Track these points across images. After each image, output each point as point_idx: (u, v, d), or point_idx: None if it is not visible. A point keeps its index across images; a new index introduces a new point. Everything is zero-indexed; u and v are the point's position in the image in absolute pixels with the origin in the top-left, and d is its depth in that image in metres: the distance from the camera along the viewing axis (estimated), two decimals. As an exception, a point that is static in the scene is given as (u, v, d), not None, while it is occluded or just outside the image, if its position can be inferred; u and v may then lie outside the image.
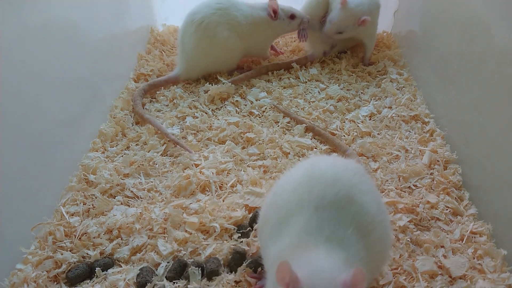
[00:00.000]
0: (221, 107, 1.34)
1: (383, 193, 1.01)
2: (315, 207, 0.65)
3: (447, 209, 0.97)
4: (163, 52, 1.64)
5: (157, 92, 1.42)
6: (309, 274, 0.56)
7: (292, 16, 1.45)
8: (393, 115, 1.27)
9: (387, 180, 1.05)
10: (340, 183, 0.67)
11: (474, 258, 0.86)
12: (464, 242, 0.89)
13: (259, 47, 1.51)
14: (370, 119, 1.27)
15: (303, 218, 0.64)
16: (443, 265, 0.84)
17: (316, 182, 0.68)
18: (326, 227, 0.63)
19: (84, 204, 1.00)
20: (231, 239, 0.90)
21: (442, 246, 0.89)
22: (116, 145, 1.20)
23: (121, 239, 0.91)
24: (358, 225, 0.65)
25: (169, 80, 1.43)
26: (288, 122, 1.26)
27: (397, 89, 1.39)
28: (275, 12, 1.41)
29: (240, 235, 0.91)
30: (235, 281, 0.81)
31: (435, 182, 1.03)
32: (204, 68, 1.45)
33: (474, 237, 0.91)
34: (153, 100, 1.40)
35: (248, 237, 0.90)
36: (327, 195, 0.66)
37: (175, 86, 1.43)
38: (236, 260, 0.85)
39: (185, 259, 0.86)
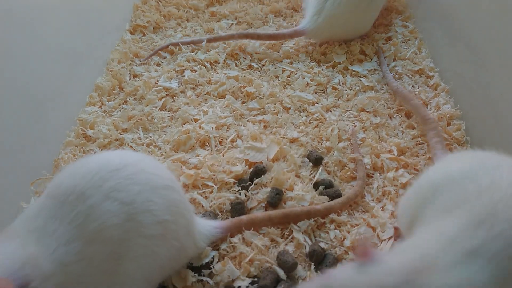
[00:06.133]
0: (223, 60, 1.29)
1: (385, 150, 1.00)
2: None
3: (448, 165, 0.96)
4: (159, 2, 1.57)
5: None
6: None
7: None
8: (397, 69, 1.24)
9: (390, 136, 1.04)
10: None
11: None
12: (464, 197, 0.90)
13: (369, 16, 1.28)
14: (372, 74, 1.24)
15: None
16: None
17: None
18: None
19: (83, 158, 0.99)
20: (231, 191, 0.90)
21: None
22: (114, 99, 1.17)
23: (121, 193, 0.91)
24: None
25: (293, 35, 1.30)
26: (289, 76, 1.23)
27: (402, 42, 1.34)
28: None
29: (240, 188, 0.91)
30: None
31: (437, 137, 1.02)
32: (340, 34, 1.31)
33: (475, 192, 0.91)
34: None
35: (247, 190, 0.90)
36: None
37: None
38: (237, 210, 0.86)
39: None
